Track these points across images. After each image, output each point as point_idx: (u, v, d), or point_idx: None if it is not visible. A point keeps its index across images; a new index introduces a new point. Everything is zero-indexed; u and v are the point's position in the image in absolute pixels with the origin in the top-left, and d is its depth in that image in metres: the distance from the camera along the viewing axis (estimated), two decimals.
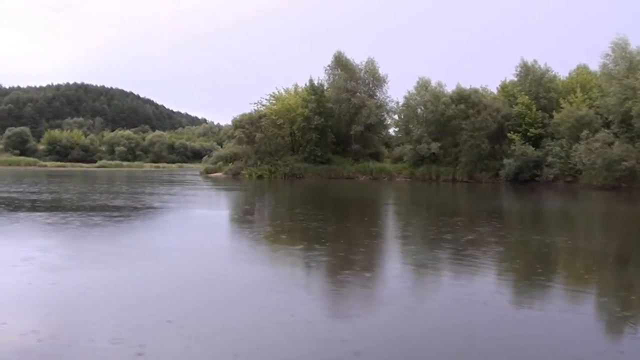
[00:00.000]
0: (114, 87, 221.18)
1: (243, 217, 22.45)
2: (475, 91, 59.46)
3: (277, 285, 9.53)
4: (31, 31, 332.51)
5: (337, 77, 66.87)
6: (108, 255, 12.06)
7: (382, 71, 68.27)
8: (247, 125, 65.22)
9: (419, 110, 61.91)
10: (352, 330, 7.06)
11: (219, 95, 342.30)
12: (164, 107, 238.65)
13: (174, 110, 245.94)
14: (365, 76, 67.70)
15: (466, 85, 61.37)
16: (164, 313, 7.50)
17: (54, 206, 23.87)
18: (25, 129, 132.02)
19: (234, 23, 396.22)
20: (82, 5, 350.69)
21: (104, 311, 7.61)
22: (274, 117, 64.66)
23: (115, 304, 8.01)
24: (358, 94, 65.21)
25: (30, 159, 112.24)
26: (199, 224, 19.68)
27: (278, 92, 69.75)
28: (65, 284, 9.13)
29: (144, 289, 9.13)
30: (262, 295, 8.81)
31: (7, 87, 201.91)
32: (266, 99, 69.54)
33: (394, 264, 12.06)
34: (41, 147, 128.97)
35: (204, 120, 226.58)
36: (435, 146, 57.24)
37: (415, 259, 12.32)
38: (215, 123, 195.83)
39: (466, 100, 57.44)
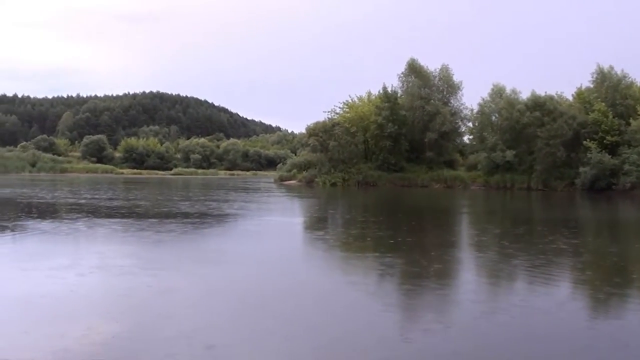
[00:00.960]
0: (189, 95, 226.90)
1: (317, 225, 22.96)
2: (551, 98, 59.23)
3: (349, 293, 9.76)
4: (108, 42, 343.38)
5: (410, 84, 67.61)
6: (183, 261, 12.75)
7: (456, 78, 68.81)
8: (321, 133, 66.53)
9: (493, 117, 62.28)
10: (424, 340, 7.14)
11: (293, 104, 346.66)
12: (239, 115, 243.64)
13: (248, 118, 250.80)
14: (440, 83, 68.35)
15: (541, 91, 61.23)
16: (238, 317, 8.03)
17: (131, 213, 24.88)
18: (102, 137, 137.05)
19: (307, 33, 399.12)
20: (158, 17, 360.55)
21: (182, 315, 8.04)
22: (347, 125, 65.81)
23: (192, 307, 8.47)
24: (432, 101, 65.78)
25: (107, 167, 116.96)
26: (273, 231, 20.38)
27: (351, 100, 70.97)
28: (142, 289, 9.63)
29: (219, 295, 9.54)
30: (334, 303, 9.08)
31: (84, 96, 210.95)
32: (340, 107, 70.80)
33: (468, 272, 12.21)
34: (118, 154, 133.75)
35: (278, 128, 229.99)
36: (510, 154, 57.22)
37: (490, 267, 12.60)
38: (289, 131, 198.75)
39: (541, 107, 57.32)
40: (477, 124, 65.45)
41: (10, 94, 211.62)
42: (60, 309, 8.24)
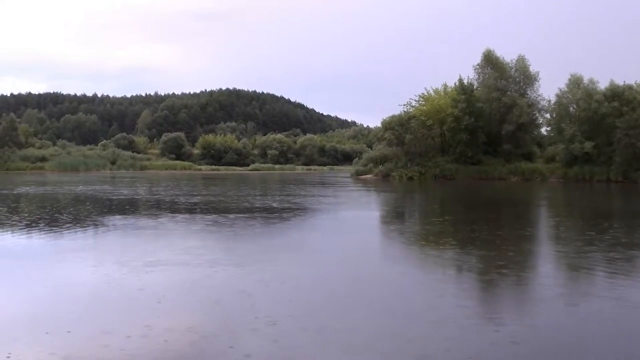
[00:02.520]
0: (265, 91, 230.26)
1: (394, 219, 23.46)
2: (630, 87, 58.38)
3: (427, 286, 9.99)
4: (186, 41, 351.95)
5: (486, 75, 67.71)
6: (266, 255, 13.06)
7: (532, 68, 68.22)
8: (397, 127, 67.34)
9: (571, 108, 61.79)
10: (502, 332, 7.14)
11: (368, 98, 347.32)
12: (314, 110, 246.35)
13: (324, 113, 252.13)
14: (516, 74, 67.92)
15: (620, 81, 60.29)
16: (318, 310, 8.18)
17: (211, 208, 25.82)
18: (181, 134, 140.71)
19: (381, 26, 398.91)
20: (235, 15, 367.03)
21: (262, 307, 8.24)
22: (423, 118, 65.91)
23: (272, 300, 8.69)
24: (509, 92, 65.64)
25: (186, 163, 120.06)
26: (351, 225, 20.78)
27: (427, 92, 70.98)
28: (223, 282, 10.00)
29: (298, 288, 9.73)
30: (412, 295, 9.29)
31: (163, 94, 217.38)
32: (416, 100, 70.78)
33: (546, 265, 12.23)
34: (196, 151, 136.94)
35: (354, 123, 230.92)
36: (588, 145, 56.70)
37: (569, 261, 12.56)
38: (365, 125, 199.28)
39: (620, 97, 56.77)
40: (554, 115, 64.99)
41: (90, 93, 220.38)
42: (152, 302, 8.54)
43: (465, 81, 67.78)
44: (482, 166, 64.36)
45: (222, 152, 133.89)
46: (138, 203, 30.00)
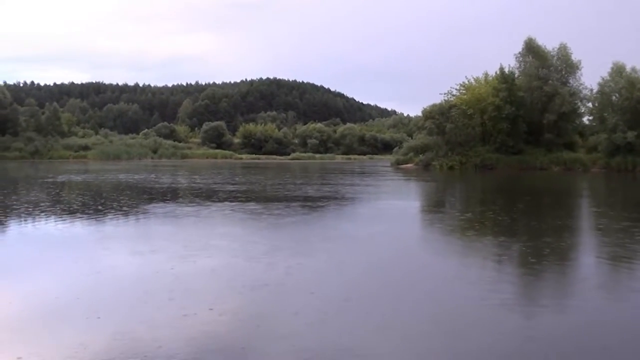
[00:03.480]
0: (305, 81, 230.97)
1: (434, 209, 23.51)
2: None
3: (466, 276, 9.88)
4: (226, 30, 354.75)
5: (528, 64, 67.24)
6: (302, 243, 13.28)
7: (574, 57, 67.43)
8: (437, 116, 67.56)
9: (613, 97, 60.81)
10: (542, 324, 7.13)
11: (408, 87, 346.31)
12: (354, 99, 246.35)
13: (364, 102, 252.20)
14: (558, 63, 67.25)
15: None
16: (357, 300, 8.20)
17: (251, 196, 26.19)
18: (221, 124, 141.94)
19: (422, 15, 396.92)
20: (275, 4, 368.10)
21: (301, 296, 8.34)
22: (464, 107, 65.98)
23: (310, 290, 8.73)
24: (550, 81, 65.09)
25: (226, 152, 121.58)
26: (391, 214, 20.63)
27: (468, 81, 71.03)
28: (262, 270, 10.00)
29: (338, 278, 9.69)
30: (451, 285, 9.21)
31: (203, 83, 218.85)
32: (456, 89, 70.94)
33: (587, 257, 12.12)
34: (236, 140, 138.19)
35: (394, 112, 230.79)
36: (631, 135, 55.87)
37: (610, 252, 12.39)
38: (405, 114, 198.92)
39: None
40: (596, 105, 64.21)
41: (131, 83, 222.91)
42: (192, 289, 8.68)
43: (506, 70, 67.61)
44: (523, 156, 63.95)
45: (263, 141, 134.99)
46: (179, 191, 30.55)
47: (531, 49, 67.54)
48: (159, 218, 18.32)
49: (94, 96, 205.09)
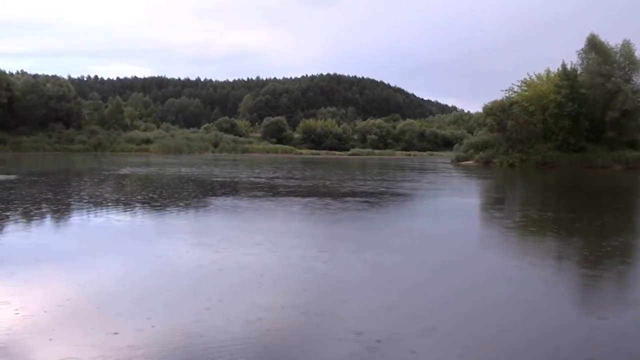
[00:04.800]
0: (365, 76, 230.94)
1: (494, 206, 23.47)
2: None
3: (523, 276, 9.82)
4: (287, 26, 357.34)
5: (590, 61, 66.61)
6: (359, 240, 13.28)
7: (638, 54, 66.42)
8: (498, 113, 67.35)
9: None
10: (603, 328, 7.07)
11: (469, 83, 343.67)
12: (414, 95, 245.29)
13: (424, 98, 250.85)
14: (621, 59, 66.48)
15: None
16: (415, 297, 8.27)
17: (310, 191, 26.72)
18: (282, 119, 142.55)
19: (483, 10, 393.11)
20: (334, 0, 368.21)
21: (358, 292, 8.48)
22: (525, 104, 65.62)
23: (368, 286, 8.87)
24: (613, 78, 64.39)
25: (287, 147, 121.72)
26: (451, 210, 20.95)
27: (530, 78, 70.64)
28: (320, 267, 10.08)
29: (395, 274, 9.74)
30: (507, 285, 9.18)
31: (264, 78, 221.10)
32: (517, 86, 70.66)
33: None
34: (296, 135, 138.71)
35: (454, 108, 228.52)
36: None
37: None
38: (465, 111, 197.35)
39: None
40: None
41: (193, 77, 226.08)
42: (251, 282, 8.89)
43: (568, 66, 67.12)
44: (584, 153, 63.40)
45: (323, 136, 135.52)
46: (239, 185, 31.19)
47: (594, 46, 66.87)
48: (220, 211, 18.76)
49: (156, 90, 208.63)
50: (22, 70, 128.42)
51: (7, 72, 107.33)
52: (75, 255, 11.40)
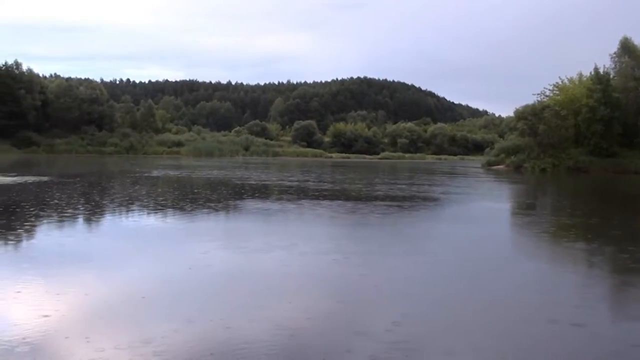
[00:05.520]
0: (395, 80, 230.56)
1: (524, 211, 22.99)
2: None
3: (553, 283, 9.73)
4: (317, 30, 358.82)
5: (623, 64, 66.12)
6: (389, 245, 13.23)
7: None
8: (530, 117, 66.67)
9: None
10: (628, 337, 6.92)
11: (500, 87, 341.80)
12: (445, 99, 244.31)
13: (455, 102, 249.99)
14: None
15: None
16: (440, 303, 8.17)
17: (340, 195, 26.86)
18: (312, 122, 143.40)
19: (514, 13, 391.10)
20: (365, 3, 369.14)
21: (386, 299, 8.36)
22: (557, 108, 65.16)
23: (395, 292, 8.73)
24: None
25: (317, 150, 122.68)
26: (482, 216, 20.88)
27: (562, 81, 70.35)
28: (346, 271, 10.06)
29: (426, 279, 9.72)
30: (534, 292, 9.01)
31: (295, 82, 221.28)
32: (549, 89, 70.46)
33: None
34: (327, 139, 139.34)
35: (485, 112, 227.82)
36: None
37: None
38: (497, 115, 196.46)
39: None
40: None
41: (224, 81, 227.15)
42: (279, 287, 8.83)
43: (601, 70, 66.62)
44: (617, 159, 62.92)
45: (353, 140, 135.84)
46: (269, 188, 31.16)
47: (627, 49, 66.34)
48: (251, 214, 18.83)
49: (188, 94, 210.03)
50: (55, 74, 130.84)
51: (40, 75, 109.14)
52: (107, 256, 11.48)
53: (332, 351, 6.21)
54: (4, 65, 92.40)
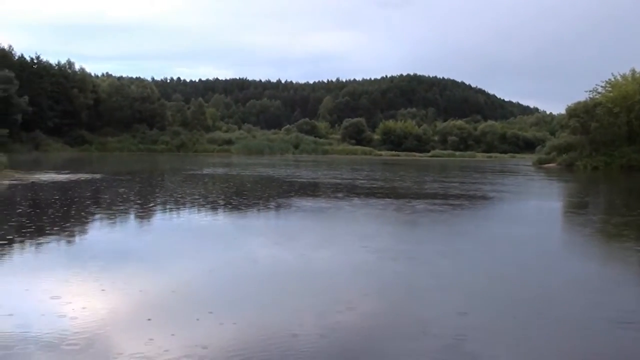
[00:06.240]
0: (445, 77, 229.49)
1: (577, 210, 22.79)
2: None
3: (602, 283, 9.68)
4: (367, 28, 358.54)
5: None
6: (440, 243, 13.35)
7: None
8: (582, 114, 65.66)
9: None
10: None
11: (551, 84, 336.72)
12: (495, 96, 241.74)
13: (505, 99, 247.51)
14: None
15: None
16: (493, 304, 8.09)
17: (389, 193, 26.71)
18: (361, 120, 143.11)
19: (565, 9, 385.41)
20: (412, 1, 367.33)
21: (442, 297, 8.36)
22: (610, 106, 63.79)
23: (450, 291, 8.72)
24: None
25: (366, 148, 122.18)
26: (532, 214, 20.82)
27: (614, 78, 68.66)
28: (394, 272, 10.02)
29: (472, 279, 9.58)
30: (585, 293, 9.00)
31: (344, 80, 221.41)
32: (602, 86, 68.71)
33: None
34: (376, 137, 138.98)
35: (536, 110, 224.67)
36: None
37: None
38: (547, 112, 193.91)
39: None
40: None
41: (274, 79, 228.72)
42: (329, 286, 8.86)
43: None
44: None
45: (402, 137, 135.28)
46: (320, 186, 31.32)
47: None
48: (301, 212, 18.97)
49: (238, 92, 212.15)
50: (107, 73, 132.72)
51: (92, 74, 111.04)
52: (161, 253, 11.87)
53: (381, 345, 6.33)
54: (57, 65, 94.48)
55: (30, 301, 7.92)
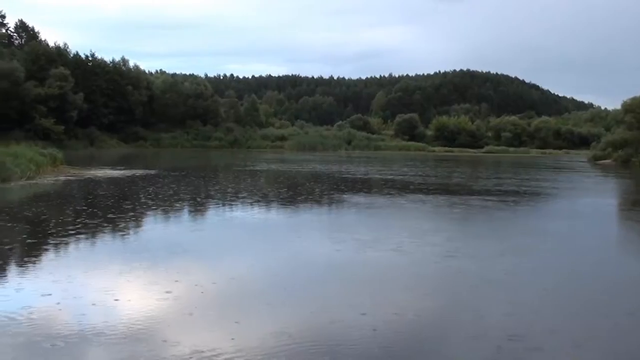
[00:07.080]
0: (499, 72, 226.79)
1: (631, 208, 22.98)
2: None
3: None
4: (420, 23, 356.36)
5: None
6: (495, 240, 13.37)
7: None
8: (638, 110, 64.99)
9: None
10: None
11: (606, 79, 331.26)
12: (549, 92, 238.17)
13: (560, 95, 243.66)
14: None
15: None
16: (547, 303, 8.10)
17: (443, 189, 26.97)
18: (414, 116, 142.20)
19: (620, 3, 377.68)
20: None
21: (495, 294, 8.52)
22: None
23: (505, 288, 8.89)
24: None
25: (419, 144, 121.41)
26: (588, 212, 20.70)
27: None
28: (454, 267, 10.20)
29: (526, 278, 9.67)
30: (629, 291, 9.03)
31: (397, 76, 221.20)
32: None
33: None
34: (429, 132, 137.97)
35: (590, 105, 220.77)
36: None
37: None
38: (602, 108, 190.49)
39: None
40: None
41: (326, 76, 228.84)
42: (383, 281, 9.10)
43: None
44: None
45: (456, 133, 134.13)
46: (373, 182, 31.53)
47: None
48: (355, 208, 19.25)
49: (290, 88, 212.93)
50: (161, 70, 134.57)
51: (147, 71, 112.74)
52: (213, 248, 12.30)
53: (434, 343, 6.53)
54: (112, 62, 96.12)
55: (123, 286, 8.70)
